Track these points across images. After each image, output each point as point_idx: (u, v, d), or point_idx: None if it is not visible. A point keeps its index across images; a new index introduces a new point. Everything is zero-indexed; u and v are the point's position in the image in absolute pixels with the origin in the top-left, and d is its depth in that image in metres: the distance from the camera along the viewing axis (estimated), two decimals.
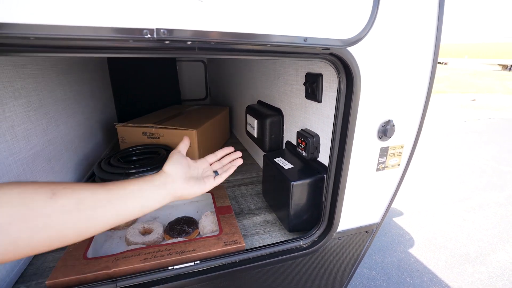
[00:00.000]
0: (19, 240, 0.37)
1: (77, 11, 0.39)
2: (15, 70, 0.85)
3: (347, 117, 0.68)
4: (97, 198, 0.44)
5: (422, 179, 3.47)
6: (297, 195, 0.86)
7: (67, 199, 0.41)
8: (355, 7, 0.55)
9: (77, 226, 0.42)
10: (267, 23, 0.48)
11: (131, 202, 0.47)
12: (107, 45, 0.43)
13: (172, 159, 0.59)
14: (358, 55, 0.61)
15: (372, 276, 2.03)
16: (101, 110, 1.69)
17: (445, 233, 2.50)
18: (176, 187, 0.55)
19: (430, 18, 0.66)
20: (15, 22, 0.36)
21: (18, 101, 0.85)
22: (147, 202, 0.50)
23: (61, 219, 0.40)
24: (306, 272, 0.86)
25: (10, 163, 0.78)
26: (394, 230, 2.51)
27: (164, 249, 0.78)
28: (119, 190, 0.47)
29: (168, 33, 0.42)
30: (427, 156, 4.20)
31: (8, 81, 0.81)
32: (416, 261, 2.18)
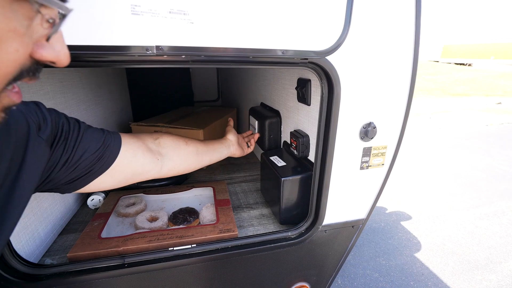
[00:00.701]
0: (174, 162, 0.74)
1: (97, 34, 0.50)
2: (45, 76, 0.99)
3: (329, 119, 0.76)
4: (204, 148, 0.83)
5: (435, 184, 3.41)
6: (287, 190, 0.94)
7: (192, 146, 0.79)
8: (328, 21, 0.63)
9: (195, 160, 0.81)
10: (249, 38, 0.58)
11: (216, 153, 0.89)
12: (120, 59, 0.54)
13: (231, 132, 1.00)
14: (336, 62, 0.69)
15: (375, 277, 2.06)
16: (119, 111, 1.85)
17: (455, 239, 2.46)
18: (233, 148, 0.96)
19: (407, 25, 0.72)
20: None
21: (48, 102, 0.99)
22: (221, 154, 0.91)
23: (189, 156, 0.78)
24: (294, 261, 0.94)
25: None
26: (401, 234, 2.51)
27: (166, 233, 0.89)
28: (212, 145, 0.88)
29: (165, 49, 0.53)
30: (443, 160, 4.11)
31: (40, 85, 0.95)
32: (421, 265, 2.17)
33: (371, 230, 2.55)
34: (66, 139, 0.49)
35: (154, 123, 1.56)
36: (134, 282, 0.80)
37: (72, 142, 0.50)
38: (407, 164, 3.98)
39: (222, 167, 1.56)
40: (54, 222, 0.97)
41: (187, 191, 1.20)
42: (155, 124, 1.55)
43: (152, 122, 1.59)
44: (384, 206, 2.91)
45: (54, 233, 0.95)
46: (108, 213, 1.02)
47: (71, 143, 0.50)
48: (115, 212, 1.06)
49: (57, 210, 1.00)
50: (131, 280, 0.79)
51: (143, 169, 0.65)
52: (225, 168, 1.55)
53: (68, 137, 0.50)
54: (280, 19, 0.59)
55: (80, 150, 0.51)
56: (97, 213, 1.02)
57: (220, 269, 0.88)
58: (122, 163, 0.59)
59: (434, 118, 6.71)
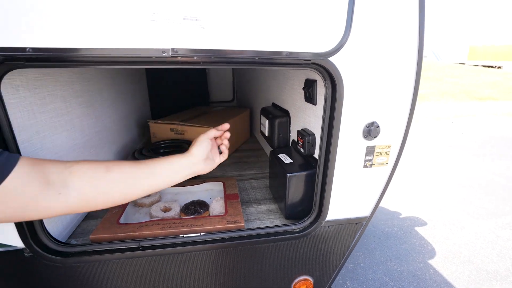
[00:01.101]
0: (88, 196, 0.57)
1: (119, 38, 0.57)
2: (76, 76, 1.10)
3: (332, 118, 0.80)
4: (140, 173, 0.62)
5: (454, 190, 3.29)
6: (293, 186, 0.98)
7: (117, 173, 0.60)
8: (330, 23, 0.67)
9: (122, 189, 0.61)
10: (254, 41, 0.63)
11: (164, 177, 0.66)
12: (139, 60, 0.62)
13: (199, 142, 0.72)
14: (338, 63, 0.73)
15: (385, 282, 2.04)
16: (138, 109, 1.97)
17: (473, 248, 2.38)
18: (198, 167, 0.71)
19: (410, 26, 0.75)
20: (85, 47, 0.56)
21: (76, 100, 1.10)
22: (173, 178, 0.67)
23: (112, 186, 0.59)
24: (298, 255, 0.98)
25: (69, 148, 1.02)
26: (415, 240, 2.45)
27: (178, 222, 0.96)
28: (160, 167, 0.65)
29: (179, 51, 0.59)
30: (464, 166, 3.95)
31: (70, 83, 1.06)
32: (435, 272, 2.13)
33: (383, 234, 2.51)
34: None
35: (170, 121, 1.65)
36: (147, 263, 0.87)
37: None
38: (425, 169, 3.87)
39: (233, 164, 1.62)
40: None
41: (199, 185, 1.27)
42: (171, 122, 1.64)
43: (169, 120, 1.69)
44: (398, 211, 2.86)
45: (78, 218, 1.05)
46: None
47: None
48: (132, 202, 1.15)
49: None
50: (144, 262, 0.87)
51: (36, 203, 0.52)
52: (236, 165, 1.62)
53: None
54: (284, 22, 0.64)
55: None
56: None
57: (226, 258, 0.94)
58: (8, 189, 0.48)
59: (457, 123, 6.45)
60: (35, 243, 0.77)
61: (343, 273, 2.10)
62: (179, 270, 0.91)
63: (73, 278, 0.84)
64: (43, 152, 0.87)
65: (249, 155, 1.76)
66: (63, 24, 0.56)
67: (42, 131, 0.87)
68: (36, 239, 0.77)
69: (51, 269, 0.81)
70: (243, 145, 1.97)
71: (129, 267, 0.87)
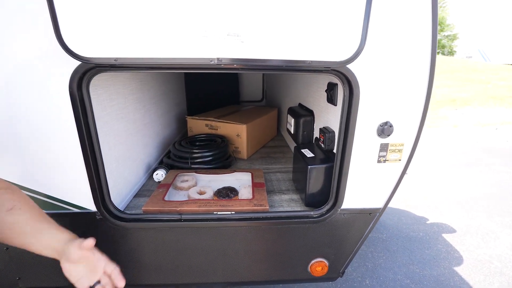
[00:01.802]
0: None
1: (179, 50, 0.76)
2: (132, 76, 1.33)
3: (349, 117, 0.92)
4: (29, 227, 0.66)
5: (491, 199, 3.14)
6: (313, 177, 1.11)
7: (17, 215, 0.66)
8: (347, 35, 0.80)
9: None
10: (282, 52, 0.78)
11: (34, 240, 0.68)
12: (192, 66, 0.80)
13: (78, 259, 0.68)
14: (355, 69, 0.85)
15: (405, 283, 2.06)
16: (177, 106, 2.21)
17: (506, 259, 2.29)
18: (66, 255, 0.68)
19: (423, 33, 0.84)
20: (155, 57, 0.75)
21: (132, 96, 1.33)
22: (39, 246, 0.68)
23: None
24: (315, 238, 1.11)
25: (125, 136, 1.25)
26: (441, 246, 2.42)
27: (212, 202, 1.14)
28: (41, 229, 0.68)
29: (223, 60, 0.76)
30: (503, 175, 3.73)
31: (128, 82, 1.29)
32: (460, 280, 2.10)
33: (407, 238, 2.51)
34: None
35: (205, 118, 1.86)
36: (186, 233, 1.07)
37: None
38: (461, 177, 3.72)
39: (261, 159, 1.78)
40: (131, 188, 1.30)
41: (230, 174, 1.45)
42: (206, 118, 1.85)
43: (204, 116, 1.90)
44: (425, 216, 2.82)
45: (131, 194, 1.28)
46: (168, 184, 1.32)
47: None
48: (172, 186, 1.36)
49: (133, 180, 1.33)
50: (184, 232, 1.06)
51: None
52: (263, 160, 1.77)
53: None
54: (307, 36, 0.78)
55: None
56: (160, 184, 1.32)
57: (252, 234, 1.10)
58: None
59: (502, 129, 6.01)
60: (104, 209, 0.99)
61: (362, 271, 2.16)
62: (211, 241, 1.09)
63: (128, 238, 1.05)
64: (109, 136, 1.09)
65: (275, 151, 1.91)
66: (140, 40, 0.75)
67: (110, 121, 1.10)
68: (105, 206, 1.00)
69: (113, 230, 1.03)
70: (270, 142, 2.12)
71: (171, 235, 1.07)
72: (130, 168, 1.30)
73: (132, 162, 1.33)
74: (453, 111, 7.81)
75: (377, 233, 2.58)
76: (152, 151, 1.61)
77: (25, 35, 0.78)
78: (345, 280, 2.07)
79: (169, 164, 1.55)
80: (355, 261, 2.25)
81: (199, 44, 0.76)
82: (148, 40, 0.76)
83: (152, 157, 1.60)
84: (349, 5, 0.77)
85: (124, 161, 1.24)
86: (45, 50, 0.79)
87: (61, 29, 0.73)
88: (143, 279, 1.15)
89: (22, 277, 1.08)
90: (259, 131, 1.92)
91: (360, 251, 2.36)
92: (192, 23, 0.74)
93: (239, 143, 1.76)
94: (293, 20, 0.76)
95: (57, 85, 0.83)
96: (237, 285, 1.29)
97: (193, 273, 1.16)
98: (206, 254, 1.11)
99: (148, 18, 0.74)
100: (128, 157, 1.29)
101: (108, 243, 1.05)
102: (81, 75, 0.82)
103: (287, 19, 0.76)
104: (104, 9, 0.73)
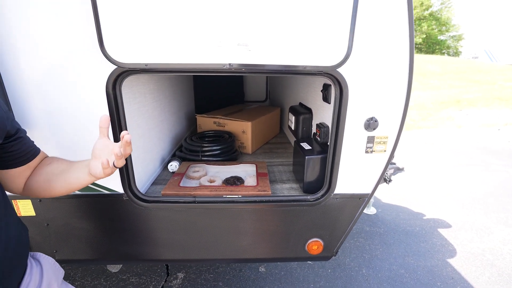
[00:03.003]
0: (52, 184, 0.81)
1: (198, 57, 0.94)
2: (151, 78, 1.52)
3: (339, 113, 1.10)
4: (65, 167, 0.82)
5: (489, 196, 3.27)
6: (310, 166, 1.29)
7: (54, 164, 0.84)
8: (336, 44, 0.97)
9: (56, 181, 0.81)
10: (282, 58, 0.96)
11: (75, 173, 0.81)
12: (208, 70, 0.98)
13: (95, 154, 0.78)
14: (344, 72, 1.03)
15: (400, 273, 2.21)
16: (186, 105, 2.40)
17: (498, 252, 2.43)
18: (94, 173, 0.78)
19: (402, 42, 1.01)
20: (179, 62, 0.94)
21: (151, 95, 1.52)
22: (79, 177, 0.80)
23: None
24: (312, 220, 1.28)
25: (146, 130, 1.44)
26: (436, 239, 2.57)
27: (221, 188, 1.32)
28: (74, 166, 0.82)
29: (234, 65, 0.94)
30: (503, 174, 3.85)
31: (147, 83, 1.48)
32: (453, 270, 2.24)
33: (404, 232, 2.67)
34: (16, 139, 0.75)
35: (213, 115, 2.05)
36: (199, 214, 1.25)
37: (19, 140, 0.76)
38: (461, 176, 3.85)
39: (264, 153, 1.97)
40: (149, 176, 1.49)
41: (237, 166, 1.63)
42: (214, 116, 2.03)
43: (212, 114, 2.08)
44: (422, 212, 2.97)
45: (149, 182, 1.47)
46: (182, 173, 1.50)
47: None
48: (185, 175, 1.54)
49: (151, 170, 1.52)
50: (197, 212, 1.25)
51: (53, 176, 0.80)
52: (267, 154, 1.95)
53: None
54: (302, 45, 0.96)
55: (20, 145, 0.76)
56: (175, 173, 1.51)
57: (256, 215, 1.28)
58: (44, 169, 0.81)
59: (504, 130, 6.10)
60: (130, 191, 1.18)
61: (360, 262, 2.32)
62: (221, 220, 1.27)
63: (150, 217, 1.24)
64: (134, 130, 1.28)
65: (278, 147, 2.09)
66: (167, 49, 0.94)
67: (133, 117, 1.29)
68: (131, 189, 1.19)
69: (137, 210, 1.21)
70: (273, 139, 2.30)
71: (187, 215, 1.25)
72: (149, 159, 1.49)
73: (150, 154, 1.52)
74: (458, 112, 7.90)
75: (374, 227, 2.74)
76: (166, 145, 1.80)
77: (76, 46, 0.97)
78: (343, 269, 2.23)
79: (181, 156, 1.74)
80: (353, 252, 2.41)
81: (215, 52, 0.94)
82: (173, 48, 0.94)
83: (165, 150, 1.79)
84: (337, 20, 0.94)
85: (144, 152, 1.43)
86: (90, 57, 0.98)
87: (104, 41, 0.92)
88: (160, 255, 1.34)
89: (58, 250, 1.28)
90: (263, 128, 2.10)
91: (358, 243, 2.53)
92: (209, 36, 0.93)
93: (244, 139, 1.95)
94: (291, 32, 0.94)
95: (96, 85, 1.02)
96: (242, 261, 1.47)
97: (204, 250, 1.34)
98: (216, 232, 1.29)
99: (173, 31, 0.93)
100: (147, 149, 1.48)
101: (132, 221, 1.24)
102: (116, 77, 1.01)
103: (286, 31, 0.94)
104: (137, 24, 0.92)
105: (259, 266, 2.23)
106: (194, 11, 0.91)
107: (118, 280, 2.08)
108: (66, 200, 1.19)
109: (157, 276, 2.12)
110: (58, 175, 0.81)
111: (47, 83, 1.01)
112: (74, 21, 0.94)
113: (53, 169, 0.83)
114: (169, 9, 0.90)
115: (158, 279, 2.09)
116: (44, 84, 1.01)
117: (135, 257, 1.35)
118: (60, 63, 0.99)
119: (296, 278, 2.12)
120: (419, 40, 27.71)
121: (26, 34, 0.95)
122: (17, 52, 0.97)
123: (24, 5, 0.92)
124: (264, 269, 2.20)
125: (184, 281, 2.08)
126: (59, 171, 0.82)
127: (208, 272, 2.15)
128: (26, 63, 0.98)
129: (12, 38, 0.95)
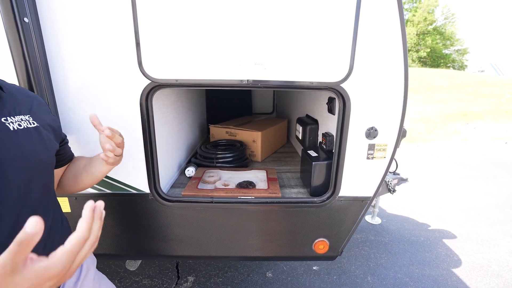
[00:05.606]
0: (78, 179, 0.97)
1: (222, 74, 1.12)
2: (172, 91, 1.71)
3: (343, 124, 1.26)
4: (88, 162, 0.98)
5: (495, 208, 3.34)
6: (316, 171, 1.44)
7: (79, 162, 1.00)
8: (339, 63, 1.15)
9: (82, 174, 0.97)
10: (292, 75, 1.14)
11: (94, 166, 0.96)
12: (229, 85, 1.16)
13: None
14: (347, 87, 1.19)
15: (405, 281, 2.29)
16: (199, 116, 2.59)
17: (504, 263, 2.49)
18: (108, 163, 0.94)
19: (397, 59, 1.18)
20: (204, 78, 1.12)
21: (171, 106, 1.71)
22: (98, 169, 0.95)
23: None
24: (318, 221, 1.42)
25: (166, 138, 1.61)
26: (441, 249, 2.65)
27: (236, 190, 1.47)
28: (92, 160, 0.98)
29: (250, 81, 1.12)
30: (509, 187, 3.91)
31: (169, 95, 1.67)
32: (457, 280, 2.31)
33: (408, 241, 2.75)
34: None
35: (225, 126, 2.22)
36: (216, 213, 1.40)
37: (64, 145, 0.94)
38: (466, 188, 3.92)
39: (273, 162, 2.12)
40: (169, 179, 1.66)
41: (248, 171, 1.79)
42: (226, 126, 2.21)
43: (224, 125, 2.26)
44: (427, 223, 3.05)
45: (169, 185, 1.63)
46: (199, 178, 1.66)
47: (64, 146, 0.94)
48: (201, 180, 1.70)
49: (170, 174, 1.69)
50: (214, 212, 1.39)
51: (78, 172, 0.96)
52: (275, 162, 2.11)
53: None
54: (309, 64, 1.14)
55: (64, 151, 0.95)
56: (192, 177, 1.67)
57: (267, 215, 1.42)
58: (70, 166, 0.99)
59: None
60: (155, 191, 1.34)
61: (365, 269, 2.40)
62: (235, 219, 1.41)
63: (172, 215, 1.39)
64: (158, 137, 1.45)
65: (285, 156, 2.25)
66: (194, 67, 1.13)
67: (157, 125, 1.47)
68: (156, 189, 1.35)
69: (161, 208, 1.37)
70: (281, 148, 2.46)
71: (204, 214, 1.40)
72: (169, 164, 1.66)
73: (170, 159, 1.69)
74: (465, 125, 7.99)
75: (379, 237, 2.83)
76: (183, 153, 1.97)
77: (118, 63, 1.16)
78: (348, 276, 2.32)
79: (196, 163, 1.90)
80: (358, 260, 2.50)
81: (235, 70, 1.12)
82: (200, 66, 1.13)
83: (182, 157, 1.96)
84: (341, 43, 1.12)
85: (165, 158, 1.60)
86: (129, 73, 1.17)
87: (142, 59, 1.11)
88: (178, 251, 1.48)
89: None
90: (272, 138, 2.27)
91: (363, 252, 2.62)
92: (231, 57, 1.11)
93: (254, 148, 2.11)
94: (300, 53, 1.12)
95: (132, 97, 1.20)
96: (254, 259, 1.60)
97: (219, 247, 1.48)
98: (230, 231, 1.43)
99: (200, 52, 1.11)
100: (168, 155, 1.65)
101: (155, 219, 1.39)
102: (149, 91, 1.20)
103: (296, 53, 1.12)
104: (170, 47, 1.11)
105: (267, 271, 2.33)
106: (218, 36, 1.10)
107: (131, 282, 2.21)
108: (98, 198, 1.35)
109: (168, 279, 2.24)
110: (82, 170, 0.96)
111: (88, 96, 1.20)
112: (118, 44, 1.14)
113: (77, 165, 0.98)
114: (197, 34, 1.10)
115: (169, 282, 2.21)
116: (85, 97, 1.20)
117: (155, 252, 1.49)
118: (102, 80, 1.18)
119: (302, 284, 2.21)
120: (424, 54, 28.10)
121: (78, 57, 1.15)
122: (67, 70, 1.16)
123: (80, 35, 1.12)
124: (271, 274, 2.30)
125: (194, 284, 2.19)
126: (83, 166, 0.97)
127: (217, 276, 2.26)
128: (73, 78, 1.17)
129: (67, 62, 1.15)
